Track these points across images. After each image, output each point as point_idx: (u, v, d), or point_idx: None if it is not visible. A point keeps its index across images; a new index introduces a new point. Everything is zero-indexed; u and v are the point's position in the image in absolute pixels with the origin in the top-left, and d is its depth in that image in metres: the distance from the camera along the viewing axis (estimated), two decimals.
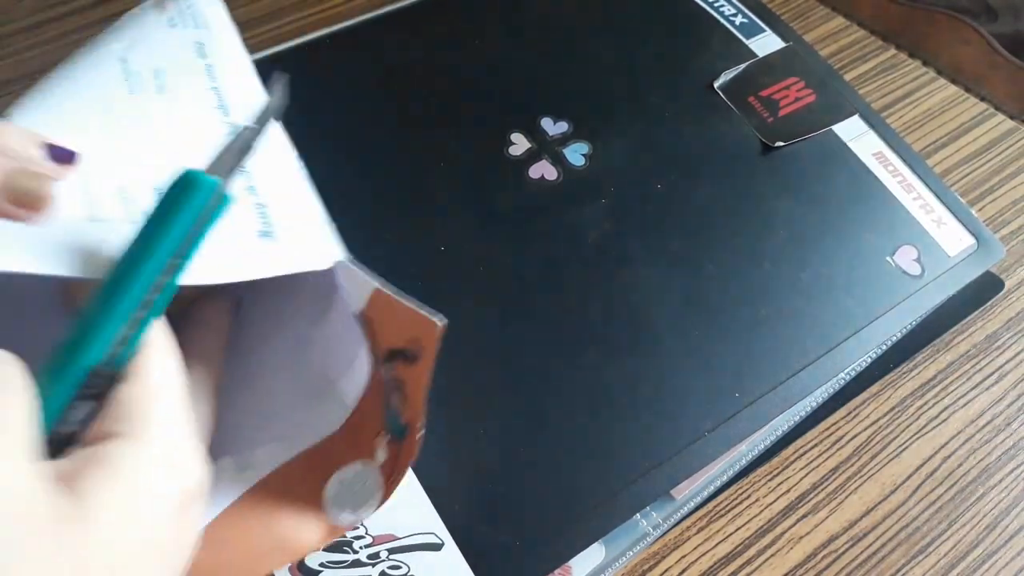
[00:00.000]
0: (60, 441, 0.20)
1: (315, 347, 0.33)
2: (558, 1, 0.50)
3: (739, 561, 0.36)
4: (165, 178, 0.23)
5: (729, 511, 0.37)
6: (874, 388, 0.41)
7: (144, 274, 0.22)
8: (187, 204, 0.22)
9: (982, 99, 0.54)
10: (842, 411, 0.40)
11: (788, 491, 0.38)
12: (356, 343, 0.30)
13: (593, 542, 0.34)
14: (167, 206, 0.22)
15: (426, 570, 0.32)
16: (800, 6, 0.59)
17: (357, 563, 0.32)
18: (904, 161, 0.45)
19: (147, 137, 0.27)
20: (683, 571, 0.36)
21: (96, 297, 0.21)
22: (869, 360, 0.41)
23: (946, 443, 0.40)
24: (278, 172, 0.30)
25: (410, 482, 0.34)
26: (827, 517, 0.37)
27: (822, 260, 0.41)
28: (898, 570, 0.36)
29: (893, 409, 0.41)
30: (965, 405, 0.41)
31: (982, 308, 0.44)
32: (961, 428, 0.40)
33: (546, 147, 0.44)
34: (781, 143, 0.45)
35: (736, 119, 0.46)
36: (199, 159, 0.23)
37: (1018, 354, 0.43)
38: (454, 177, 0.43)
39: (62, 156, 0.24)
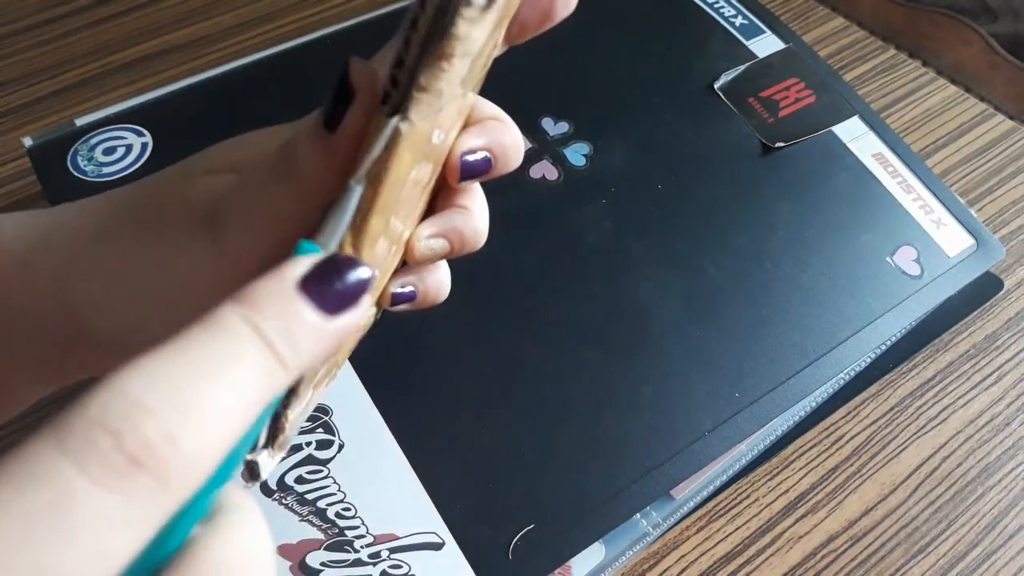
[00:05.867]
0: None
1: None
2: None
3: (739, 560, 0.36)
4: None
5: (729, 511, 0.37)
6: (874, 388, 0.41)
7: None
8: None
9: (982, 99, 0.54)
10: (842, 411, 0.40)
11: (788, 491, 0.38)
12: None
13: (593, 542, 0.34)
14: None
15: (427, 569, 0.32)
16: (800, 7, 0.59)
17: (358, 562, 0.32)
18: (904, 162, 0.45)
19: None
20: (683, 571, 0.36)
21: None
22: (869, 360, 0.41)
23: (946, 443, 0.40)
24: None
25: (411, 482, 0.34)
26: (827, 517, 0.37)
27: (822, 260, 0.41)
28: (898, 570, 0.36)
29: (893, 409, 0.41)
30: (965, 405, 0.41)
31: (982, 308, 0.44)
32: (961, 428, 0.40)
33: (547, 147, 0.44)
34: (781, 144, 0.45)
35: (736, 120, 0.46)
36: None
37: (1018, 354, 0.43)
38: None
39: None
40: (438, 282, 0.24)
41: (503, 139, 0.22)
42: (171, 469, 0.12)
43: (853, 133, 0.46)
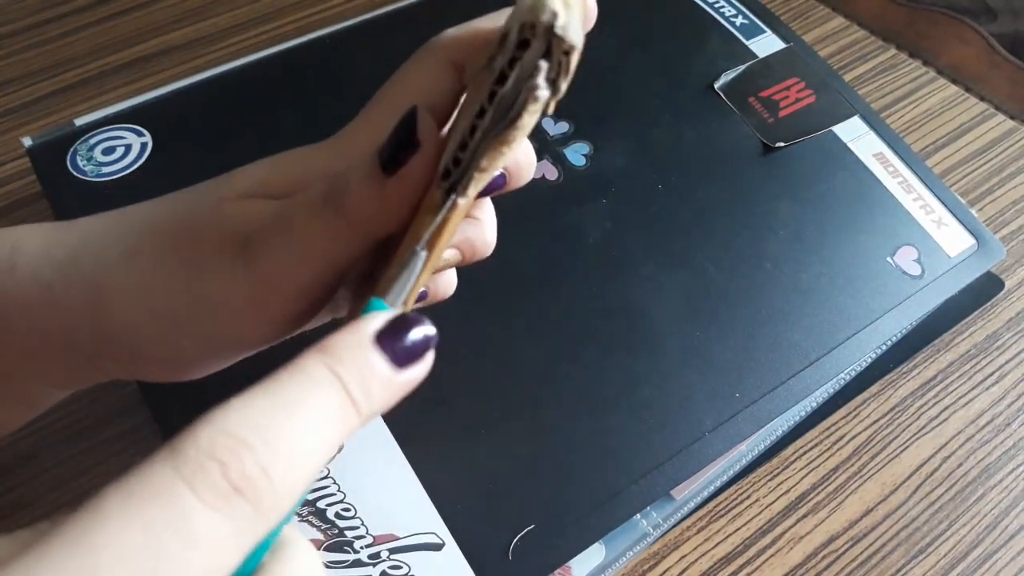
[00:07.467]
0: None
1: None
2: None
3: (739, 561, 0.36)
4: None
5: (729, 511, 0.37)
6: (874, 388, 0.41)
7: None
8: None
9: (982, 99, 0.54)
10: (842, 411, 0.40)
11: (788, 491, 0.38)
12: None
13: (593, 542, 0.34)
14: None
15: (427, 570, 0.32)
16: (800, 6, 0.59)
17: (358, 563, 0.32)
18: (904, 162, 0.45)
19: None
20: (683, 571, 0.36)
21: None
22: (869, 360, 0.41)
23: (946, 443, 0.40)
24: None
25: (411, 482, 0.34)
26: (827, 517, 0.37)
27: (822, 261, 0.41)
28: (898, 570, 0.36)
29: (893, 409, 0.41)
30: (965, 405, 0.41)
31: (982, 308, 0.44)
32: (961, 428, 0.40)
33: (547, 147, 0.44)
34: (781, 144, 0.45)
35: (736, 120, 0.46)
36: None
37: (1018, 354, 0.43)
38: None
39: None
40: (447, 282, 0.25)
41: (518, 157, 0.23)
42: (265, 497, 0.15)
43: (853, 133, 0.46)
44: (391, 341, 0.17)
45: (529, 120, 0.19)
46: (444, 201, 0.20)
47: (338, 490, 0.33)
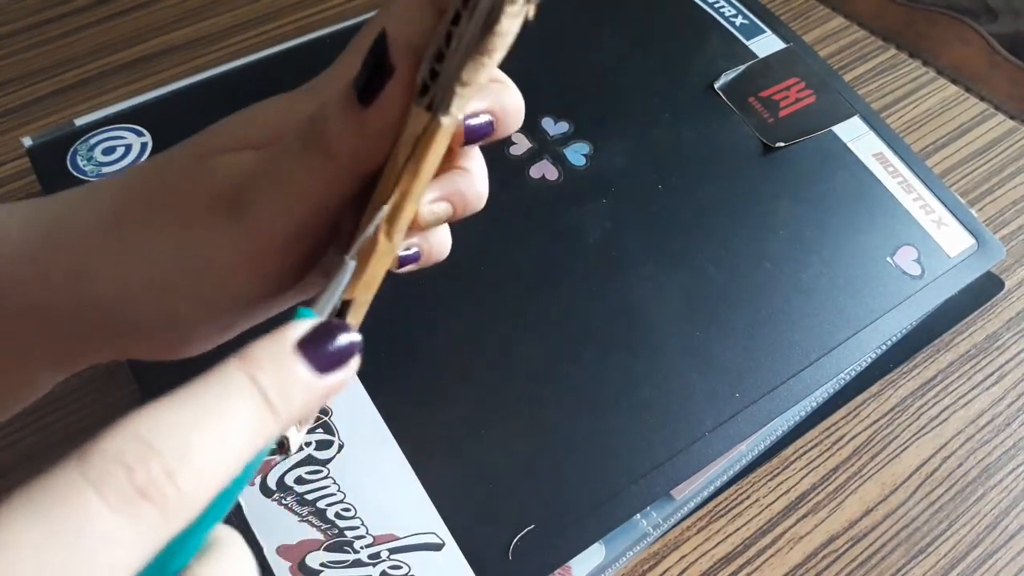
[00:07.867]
0: None
1: None
2: (559, 1, 0.50)
3: (739, 561, 0.36)
4: None
5: (729, 511, 0.37)
6: (874, 388, 0.41)
7: None
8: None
9: (982, 99, 0.54)
10: (842, 411, 0.40)
11: (788, 491, 0.38)
12: None
13: (593, 542, 0.34)
14: None
15: (427, 570, 0.32)
16: (800, 6, 0.59)
17: (358, 563, 0.32)
18: (904, 162, 0.45)
19: None
20: (683, 571, 0.36)
21: None
22: (869, 360, 0.41)
23: (946, 443, 0.40)
24: None
25: (411, 482, 0.34)
26: (827, 517, 0.37)
27: (822, 260, 0.41)
28: (898, 570, 0.36)
29: (893, 409, 0.41)
30: (965, 405, 0.41)
31: (982, 308, 0.44)
32: (961, 428, 0.40)
33: (547, 147, 0.44)
34: (781, 144, 0.45)
35: (736, 120, 0.46)
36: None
37: (1018, 354, 0.43)
38: None
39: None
40: (440, 241, 0.24)
41: (504, 101, 0.22)
42: (170, 502, 0.15)
43: (853, 133, 0.46)
44: (313, 347, 0.17)
45: (507, 24, 0.18)
46: (427, 122, 0.19)
47: (338, 490, 0.33)
